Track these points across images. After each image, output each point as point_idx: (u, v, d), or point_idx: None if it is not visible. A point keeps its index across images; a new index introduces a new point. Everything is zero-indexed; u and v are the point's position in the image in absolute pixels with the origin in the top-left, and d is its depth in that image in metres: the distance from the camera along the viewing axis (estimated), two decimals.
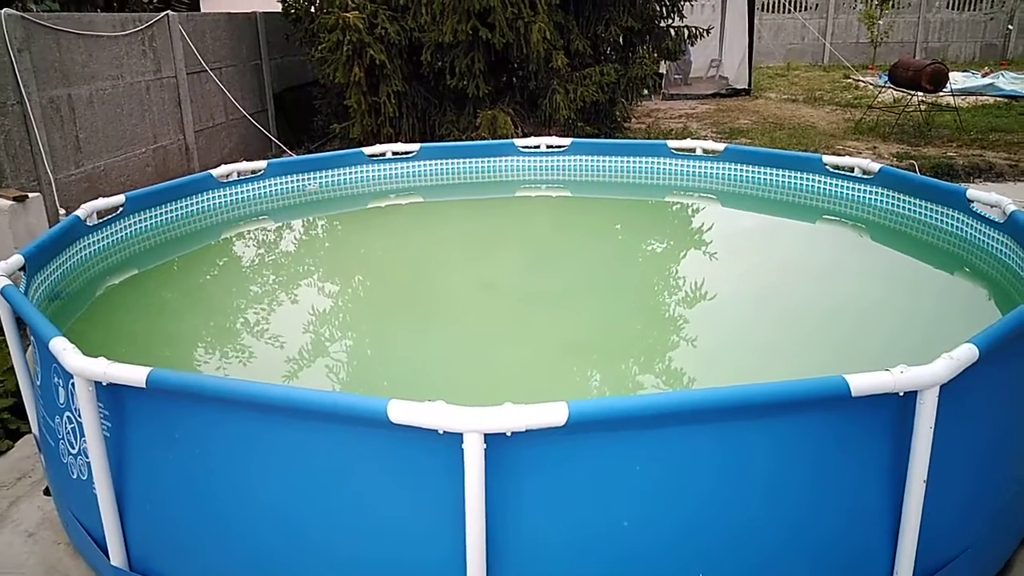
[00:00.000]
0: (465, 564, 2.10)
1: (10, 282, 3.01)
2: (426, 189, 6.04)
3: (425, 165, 6.03)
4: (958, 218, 4.50)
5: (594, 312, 4.08)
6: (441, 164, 6.07)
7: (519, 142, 6.22)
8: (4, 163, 6.09)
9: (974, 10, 20.89)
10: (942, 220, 4.63)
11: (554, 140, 6.22)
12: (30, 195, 5.62)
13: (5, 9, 6.08)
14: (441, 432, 2.00)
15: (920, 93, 10.60)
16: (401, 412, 2.02)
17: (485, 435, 1.99)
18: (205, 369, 3.46)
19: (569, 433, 2.05)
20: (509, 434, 2.01)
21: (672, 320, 4.01)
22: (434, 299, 4.31)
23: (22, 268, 3.34)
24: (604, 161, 6.14)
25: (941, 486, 2.30)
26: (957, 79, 13.49)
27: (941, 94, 10.87)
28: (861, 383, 2.13)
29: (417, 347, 3.68)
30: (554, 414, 2.00)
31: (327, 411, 2.18)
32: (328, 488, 2.28)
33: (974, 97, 13.68)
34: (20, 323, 3.02)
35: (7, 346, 3.22)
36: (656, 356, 3.65)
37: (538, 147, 6.17)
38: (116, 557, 2.56)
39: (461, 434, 1.99)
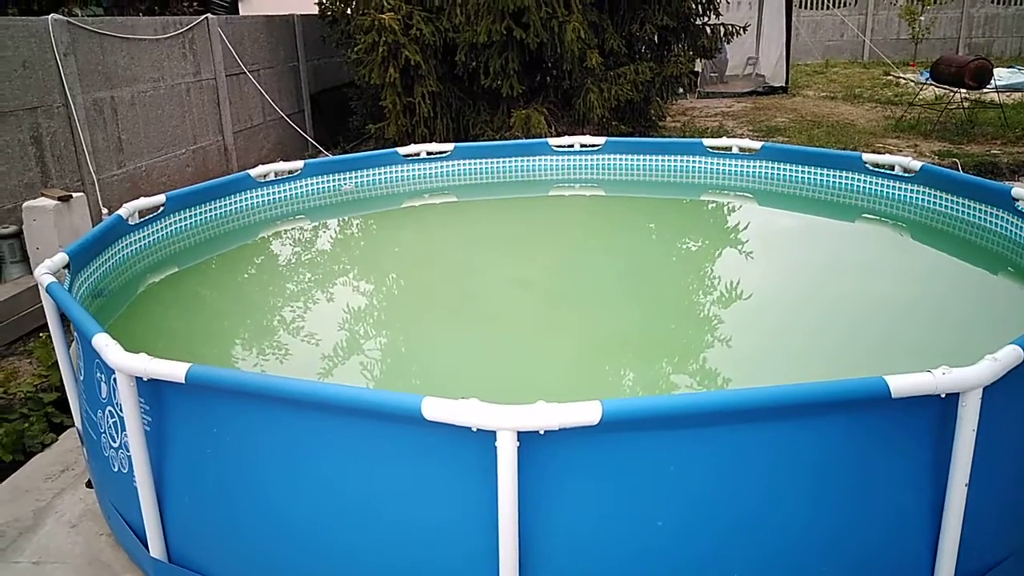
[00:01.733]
0: (498, 562, 2.10)
1: (55, 279, 3.08)
2: (460, 188, 6.06)
3: (459, 165, 6.05)
4: (1002, 217, 4.40)
5: (628, 311, 4.05)
6: (475, 164, 6.09)
7: (553, 141, 6.21)
8: (50, 164, 6.24)
9: (1020, 4, 20.39)
10: (986, 219, 4.53)
11: (588, 139, 6.19)
12: (74, 195, 5.76)
13: (52, 15, 6.23)
14: (475, 430, 2.00)
15: (963, 90, 10.38)
16: (435, 409, 2.03)
17: (518, 433, 1.99)
18: (242, 365, 3.51)
19: (603, 432, 2.04)
20: (542, 432, 2.00)
21: (707, 320, 3.97)
22: (468, 298, 4.32)
23: (66, 266, 3.42)
24: (638, 160, 6.11)
25: (983, 490, 2.25)
26: (1002, 75, 13.17)
27: (985, 91, 10.63)
28: (902, 384, 2.09)
29: (451, 345, 3.69)
30: (588, 413, 2.00)
31: (362, 408, 2.19)
32: (361, 485, 2.30)
33: (1020, 94, 13.35)
34: (64, 320, 3.09)
35: (52, 342, 3.29)
36: (690, 356, 3.62)
37: (572, 146, 6.15)
38: (155, 549, 2.61)
39: (494, 432, 1.99)
